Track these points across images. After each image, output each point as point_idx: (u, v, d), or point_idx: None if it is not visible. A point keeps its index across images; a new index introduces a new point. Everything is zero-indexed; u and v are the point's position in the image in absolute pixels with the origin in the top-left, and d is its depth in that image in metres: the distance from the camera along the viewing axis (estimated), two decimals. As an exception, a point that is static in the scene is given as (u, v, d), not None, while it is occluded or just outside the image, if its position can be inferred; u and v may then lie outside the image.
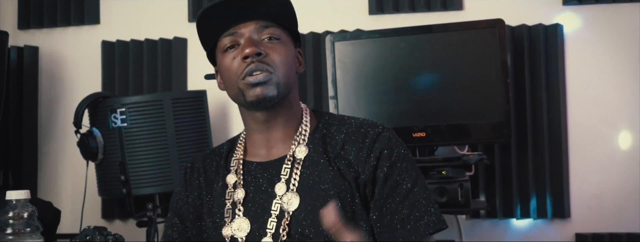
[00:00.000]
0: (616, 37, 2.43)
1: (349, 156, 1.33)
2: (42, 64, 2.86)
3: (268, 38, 1.33)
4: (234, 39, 1.34)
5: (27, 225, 1.38)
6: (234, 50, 1.33)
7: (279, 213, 1.31)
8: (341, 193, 1.30)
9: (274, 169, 1.36)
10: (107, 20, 2.83)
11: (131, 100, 2.28)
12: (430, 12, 2.54)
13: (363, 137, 1.34)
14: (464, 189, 2.13)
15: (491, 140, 2.27)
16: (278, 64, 1.32)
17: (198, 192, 1.42)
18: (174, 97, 2.32)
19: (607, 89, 2.44)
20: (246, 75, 1.30)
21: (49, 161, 2.83)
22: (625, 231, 2.38)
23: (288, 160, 1.35)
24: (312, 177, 1.33)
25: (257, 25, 1.33)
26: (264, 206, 1.33)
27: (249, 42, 1.32)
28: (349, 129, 1.37)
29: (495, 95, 2.19)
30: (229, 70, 1.34)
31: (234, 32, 1.34)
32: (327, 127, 1.39)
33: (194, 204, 1.41)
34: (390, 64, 2.29)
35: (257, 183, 1.36)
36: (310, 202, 1.30)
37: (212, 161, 1.44)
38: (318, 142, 1.36)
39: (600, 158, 2.43)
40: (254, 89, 1.30)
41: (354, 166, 1.32)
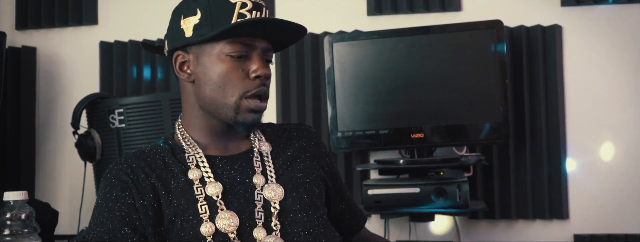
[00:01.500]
0: (615, 38, 2.43)
1: (310, 149, 1.44)
2: (39, 64, 2.85)
3: (268, 60, 1.36)
4: (246, 51, 1.31)
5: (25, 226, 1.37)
6: (241, 61, 1.31)
7: (263, 203, 1.32)
8: (315, 181, 1.40)
9: (242, 161, 1.36)
10: (105, 20, 2.82)
11: (129, 101, 2.27)
12: (429, 13, 2.55)
13: (311, 133, 1.48)
14: (463, 190, 2.13)
15: (489, 141, 2.27)
16: (268, 87, 1.36)
17: (153, 193, 1.29)
18: (172, 97, 2.32)
19: (606, 89, 2.44)
20: (253, 97, 1.31)
21: (46, 161, 2.83)
22: (623, 232, 2.38)
23: (256, 154, 1.37)
24: (285, 167, 1.39)
25: (267, 45, 1.34)
26: (246, 197, 1.32)
27: (262, 62, 1.32)
28: (292, 127, 1.48)
29: (493, 96, 2.19)
30: (225, 78, 1.30)
31: (249, 44, 1.31)
32: (270, 128, 1.47)
33: (151, 207, 1.28)
34: (389, 65, 2.29)
35: (230, 175, 1.34)
36: (294, 188, 1.36)
37: (155, 160, 1.33)
38: (274, 138, 1.43)
39: (599, 159, 2.43)
40: (250, 114, 1.32)
41: (315, 157, 1.44)
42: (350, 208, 1.53)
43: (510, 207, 2.45)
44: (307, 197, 1.36)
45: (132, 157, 1.34)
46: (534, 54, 2.45)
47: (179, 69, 1.37)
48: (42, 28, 2.85)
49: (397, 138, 2.26)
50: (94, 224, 1.29)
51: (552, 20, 2.46)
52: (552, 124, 2.44)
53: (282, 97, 2.60)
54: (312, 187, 1.39)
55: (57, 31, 2.85)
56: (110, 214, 1.28)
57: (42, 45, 2.86)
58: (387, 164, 2.29)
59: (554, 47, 2.44)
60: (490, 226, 2.50)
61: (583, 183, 2.44)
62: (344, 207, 1.51)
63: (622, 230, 2.39)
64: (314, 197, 1.37)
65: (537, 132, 2.44)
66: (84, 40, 2.82)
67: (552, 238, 2.44)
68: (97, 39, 2.79)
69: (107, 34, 2.79)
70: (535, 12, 2.48)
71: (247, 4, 1.29)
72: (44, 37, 2.86)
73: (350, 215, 1.53)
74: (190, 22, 1.35)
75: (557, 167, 2.42)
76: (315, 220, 1.34)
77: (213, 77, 1.31)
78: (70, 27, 2.84)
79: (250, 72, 1.31)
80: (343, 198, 1.51)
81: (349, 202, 1.53)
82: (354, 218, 1.54)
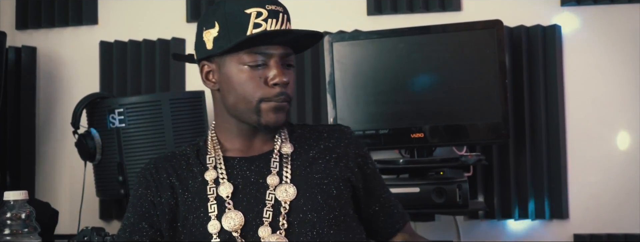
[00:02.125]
0: (614, 38, 2.44)
1: (338, 150, 1.45)
2: (39, 64, 2.85)
3: (288, 65, 1.41)
4: (263, 59, 1.37)
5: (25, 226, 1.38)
6: (260, 69, 1.37)
7: (274, 203, 1.35)
8: (334, 182, 1.40)
9: (261, 162, 1.41)
10: (105, 20, 2.82)
11: (129, 101, 2.27)
12: (429, 12, 2.55)
13: (344, 134, 1.48)
14: (462, 189, 2.13)
15: (489, 141, 2.27)
16: (291, 93, 1.41)
17: (171, 192, 1.40)
18: (172, 97, 2.32)
19: (606, 89, 2.44)
20: (268, 100, 1.37)
21: (46, 161, 2.83)
22: (623, 231, 2.38)
23: (275, 155, 1.41)
24: (304, 169, 1.40)
25: (284, 51, 1.39)
26: (256, 197, 1.36)
27: (280, 69, 1.37)
28: (325, 128, 1.50)
29: (493, 96, 2.19)
30: (245, 86, 1.37)
31: (266, 53, 1.37)
32: (302, 128, 1.50)
33: (168, 204, 1.39)
34: (389, 65, 2.29)
35: (244, 176, 1.39)
36: (307, 189, 1.37)
37: (180, 162, 1.45)
38: (300, 139, 1.46)
39: (599, 159, 2.43)
40: (271, 116, 1.37)
41: (343, 159, 1.44)
42: (386, 210, 1.51)
43: (510, 207, 2.45)
44: (322, 198, 1.37)
45: (161, 158, 1.47)
46: (534, 54, 2.46)
47: (205, 78, 1.45)
48: (42, 28, 2.85)
49: (397, 138, 2.26)
50: (124, 218, 1.44)
51: (551, 20, 2.46)
52: (552, 123, 2.44)
53: (282, 97, 2.60)
54: (330, 188, 1.39)
55: (57, 31, 2.86)
56: (133, 209, 1.42)
57: (42, 45, 2.86)
58: (387, 163, 2.30)
59: (553, 47, 2.45)
60: (490, 226, 2.50)
61: (583, 183, 2.44)
62: (377, 209, 1.50)
63: (621, 230, 2.39)
64: (329, 198, 1.38)
65: (537, 132, 2.44)
66: (84, 40, 2.82)
67: (552, 238, 2.44)
68: (97, 38, 2.79)
69: (107, 34, 2.79)
70: (535, 12, 2.48)
71: (263, 12, 1.35)
72: (44, 37, 2.86)
73: (384, 217, 1.51)
74: (210, 34, 1.40)
75: (556, 167, 2.43)
76: (327, 221, 1.35)
77: (234, 86, 1.38)
78: (70, 27, 2.84)
79: (268, 79, 1.37)
80: (377, 200, 1.50)
81: (385, 204, 1.51)
82: (389, 221, 1.51)
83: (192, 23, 2.71)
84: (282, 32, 1.37)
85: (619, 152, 2.42)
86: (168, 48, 2.72)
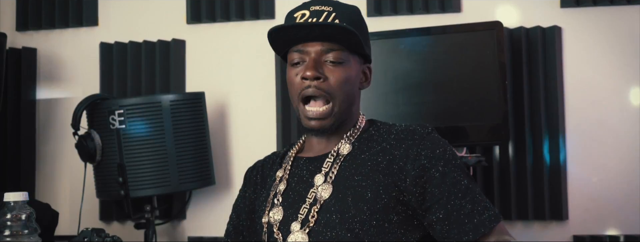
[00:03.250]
0: (614, 40, 2.44)
1: (395, 151, 1.39)
2: (40, 65, 2.86)
3: (331, 61, 1.42)
4: (301, 57, 1.42)
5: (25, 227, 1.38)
6: (299, 66, 1.43)
7: (312, 201, 1.40)
8: (373, 185, 1.37)
9: (319, 162, 1.46)
10: (106, 21, 2.83)
11: (129, 102, 2.28)
12: (429, 14, 2.55)
13: (412, 134, 1.41)
14: (462, 191, 2.13)
15: (489, 142, 2.27)
16: (336, 89, 1.41)
17: (254, 188, 1.57)
18: (173, 99, 2.32)
19: (605, 91, 2.44)
20: (303, 97, 1.41)
21: (47, 162, 2.83)
22: (623, 232, 2.38)
23: (331, 155, 1.44)
24: (350, 170, 1.41)
25: (322, 47, 1.41)
26: (302, 195, 1.43)
27: (313, 63, 1.41)
28: (399, 129, 1.46)
29: (493, 97, 2.20)
30: (292, 85, 1.44)
31: (302, 50, 1.42)
32: (377, 130, 1.48)
33: (250, 198, 1.56)
34: (389, 66, 2.29)
35: (301, 174, 1.47)
36: (342, 190, 1.39)
37: (272, 159, 1.59)
38: (363, 142, 1.46)
39: (598, 160, 2.43)
40: (310, 122, 1.42)
41: (399, 161, 1.38)
42: (453, 218, 1.34)
43: (510, 208, 2.45)
44: (352, 200, 1.37)
45: (264, 158, 1.62)
46: (534, 55, 2.46)
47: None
48: (43, 29, 2.86)
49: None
50: None
51: (551, 21, 2.47)
52: (552, 125, 2.44)
53: (283, 99, 2.61)
54: (365, 191, 1.36)
55: (58, 32, 2.86)
56: (234, 204, 1.61)
57: (43, 47, 2.86)
58: (386, 165, 2.29)
59: (553, 49, 2.45)
60: (489, 227, 2.50)
61: (582, 184, 2.44)
62: (441, 217, 1.34)
63: (621, 231, 2.39)
64: (360, 201, 1.36)
65: (536, 133, 2.44)
66: (84, 42, 2.83)
67: (552, 239, 2.44)
68: (97, 40, 2.79)
69: (107, 35, 2.79)
70: (535, 14, 2.48)
71: (306, 13, 1.42)
72: (44, 38, 2.86)
73: (449, 226, 1.34)
74: None
75: (556, 168, 2.43)
76: (350, 223, 1.35)
77: (288, 85, 1.47)
78: (71, 28, 2.84)
79: (301, 75, 1.42)
80: (443, 207, 1.34)
81: (453, 213, 1.34)
82: (454, 229, 1.34)
83: (192, 24, 2.71)
84: (297, 26, 1.40)
85: (619, 153, 2.42)
86: (168, 49, 2.73)
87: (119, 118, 2.24)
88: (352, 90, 1.46)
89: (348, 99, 1.44)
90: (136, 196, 2.29)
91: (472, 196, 1.35)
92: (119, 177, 2.25)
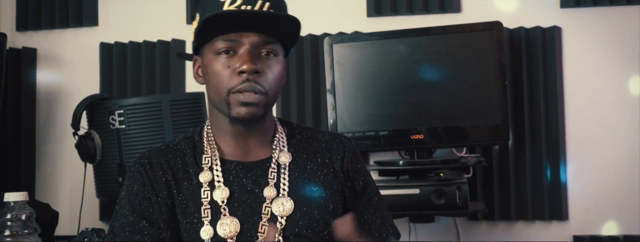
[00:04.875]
0: (614, 40, 2.44)
1: (335, 165, 1.39)
2: (40, 65, 2.86)
3: (266, 53, 1.30)
4: (231, 46, 1.29)
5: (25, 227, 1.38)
6: (229, 56, 1.29)
7: (270, 217, 1.30)
8: (331, 195, 1.35)
9: (258, 170, 1.34)
10: (106, 22, 2.83)
11: (129, 102, 2.27)
12: (429, 14, 2.55)
13: (342, 147, 1.41)
14: (462, 191, 2.13)
15: (489, 142, 2.27)
16: (271, 84, 1.29)
17: (167, 191, 1.33)
18: (172, 99, 2.32)
19: (605, 91, 2.44)
20: (238, 92, 1.27)
21: (47, 162, 2.83)
22: (622, 233, 2.38)
23: (273, 164, 1.34)
24: (301, 180, 1.35)
25: (259, 38, 1.29)
26: (252, 207, 1.31)
27: (249, 56, 1.27)
28: (326, 137, 1.42)
29: (493, 97, 2.20)
30: (218, 77, 1.29)
31: (234, 39, 1.28)
32: (302, 134, 1.42)
33: (165, 204, 1.32)
34: (389, 66, 2.29)
35: (241, 183, 1.33)
36: (304, 203, 1.32)
37: (175, 158, 1.37)
38: (299, 148, 1.39)
39: (598, 160, 2.43)
40: (241, 108, 1.28)
41: (339, 175, 1.39)
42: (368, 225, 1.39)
43: (510, 208, 2.45)
44: (318, 213, 1.32)
45: (155, 152, 1.37)
46: (534, 56, 2.46)
47: (195, 73, 1.39)
48: (43, 29, 2.85)
49: (397, 139, 2.27)
50: (119, 215, 1.34)
51: (551, 21, 2.47)
52: (552, 125, 2.44)
53: (282, 99, 2.61)
54: (327, 203, 1.35)
55: (58, 32, 2.86)
56: (131, 207, 1.32)
57: (43, 47, 2.86)
58: (386, 165, 2.30)
59: (553, 49, 2.45)
60: (489, 227, 2.50)
61: (582, 184, 2.44)
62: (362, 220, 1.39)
63: (621, 231, 2.39)
64: (326, 214, 1.33)
65: (536, 134, 2.44)
66: (84, 42, 2.83)
67: (552, 239, 2.44)
68: (97, 40, 2.79)
69: (107, 35, 2.79)
70: (535, 14, 2.48)
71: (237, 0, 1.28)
72: (45, 39, 2.86)
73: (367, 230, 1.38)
74: (193, 27, 1.37)
75: (556, 169, 2.43)
76: (322, 237, 1.31)
77: (209, 77, 1.32)
78: (71, 29, 2.84)
79: (236, 68, 1.27)
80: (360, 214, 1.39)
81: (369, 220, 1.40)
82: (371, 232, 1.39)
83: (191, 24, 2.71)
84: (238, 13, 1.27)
85: (619, 153, 2.42)
86: (168, 49, 2.73)
87: (119, 118, 2.24)
88: (280, 86, 1.35)
89: (277, 94, 1.34)
90: (136, 196, 2.29)
91: (381, 212, 1.42)
92: (119, 178, 2.25)
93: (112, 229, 1.34)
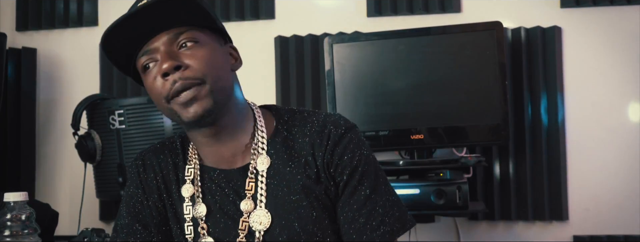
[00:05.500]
0: (614, 40, 2.44)
1: (317, 162, 1.25)
2: (40, 65, 2.86)
3: (184, 44, 1.20)
4: (150, 57, 1.20)
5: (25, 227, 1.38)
6: (154, 68, 1.19)
7: (247, 233, 1.23)
8: (314, 202, 1.23)
9: (238, 179, 1.26)
10: (106, 22, 2.82)
11: (129, 102, 2.27)
12: (429, 14, 2.55)
13: (326, 139, 1.24)
14: (462, 191, 2.13)
15: (489, 142, 2.27)
16: (203, 70, 1.17)
17: (158, 194, 1.31)
18: (172, 99, 2.32)
19: (605, 91, 2.44)
20: (173, 97, 1.17)
21: (47, 162, 2.83)
22: (623, 233, 2.38)
23: (251, 172, 1.24)
24: (280, 189, 1.24)
25: (168, 35, 1.20)
26: (233, 221, 1.24)
27: (165, 56, 1.18)
28: (312, 129, 1.26)
29: (493, 97, 2.20)
30: (154, 92, 1.20)
31: (148, 50, 1.20)
32: (288, 129, 1.28)
33: (155, 208, 1.31)
34: (389, 66, 2.29)
35: (223, 193, 1.26)
36: (283, 215, 1.22)
37: (167, 158, 1.32)
38: (280, 148, 1.26)
39: (599, 160, 2.43)
40: (188, 109, 1.17)
41: (321, 174, 1.24)
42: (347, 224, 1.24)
43: (510, 208, 2.45)
44: (299, 225, 1.21)
45: (149, 152, 1.34)
46: (534, 56, 2.46)
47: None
48: (43, 29, 2.85)
49: (397, 139, 2.27)
50: (119, 215, 1.35)
51: (551, 21, 2.47)
52: (552, 125, 2.44)
53: (282, 99, 2.60)
54: (309, 211, 1.22)
55: (58, 32, 2.86)
56: (127, 209, 1.33)
57: (43, 47, 2.86)
58: (386, 165, 2.30)
59: (553, 49, 2.45)
60: (490, 228, 2.50)
61: (582, 184, 2.44)
62: (346, 228, 1.25)
63: (621, 231, 2.39)
64: (308, 224, 1.22)
65: (536, 134, 2.44)
66: (84, 42, 2.83)
67: (552, 239, 2.44)
68: (97, 40, 2.77)
69: (107, 35, 2.79)
70: (535, 14, 2.48)
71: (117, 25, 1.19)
72: (45, 38, 2.86)
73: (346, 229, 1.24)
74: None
75: (556, 169, 2.43)
76: None
77: (150, 95, 1.23)
78: (71, 28, 2.84)
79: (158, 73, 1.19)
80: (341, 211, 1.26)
81: (349, 218, 1.24)
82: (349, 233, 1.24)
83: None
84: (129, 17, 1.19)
85: (619, 153, 2.42)
86: (168, 49, 2.72)
87: (119, 118, 2.24)
88: (223, 70, 1.22)
89: (223, 79, 1.21)
90: (136, 196, 2.29)
91: (370, 208, 1.23)
92: (119, 177, 2.25)
93: (115, 228, 1.35)
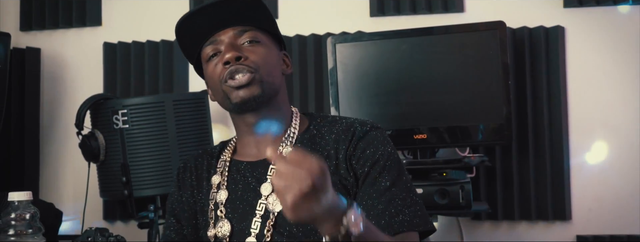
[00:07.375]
0: (617, 39, 2.44)
1: (339, 155, 1.33)
2: (44, 65, 2.86)
3: (248, 42, 1.36)
4: (215, 47, 1.36)
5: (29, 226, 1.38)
6: (217, 57, 1.36)
7: (263, 213, 1.31)
8: None
9: (262, 168, 1.36)
10: (109, 21, 2.83)
11: (133, 102, 2.28)
12: (432, 14, 2.55)
13: (351, 134, 1.34)
14: (465, 191, 2.13)
15: (492, 142, 2.27)
16: (258, 63, 1.33)
17: (191, 191, 1.44)
18: (176, 98, 2.32)
19: (608, 90, 2.44)
20: (227, 79, 1.32)
21: (50, 162, 2.83)
22: (625, 232, 2.38)
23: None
24: None
25: (235, 30, 1.36)
26: (252, 205, 1.33)
27: (229, 47, 1.34)
28: (339, 129, 1.36)
29: (496, 97, 2.20)
30: (213, 77, 1.36)
31: (214, 40, 1.36)
32: (318, 129, 1.39)
33: (188, 203, 1.44)
34: (392, 66, 2.29)
35: (246, 182, 1.36)
36: None
37: (203, 160, 1.47)
38: (307, 143, 1.36)
39: (601, 160, 2.43)
40: (238, 92, 1.32)
41: (341, 165, 1.32)
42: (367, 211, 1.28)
43: (513, 208, 2.45)
44: None
45: (192, 157, 1.49)
46: (537, 55, 2.46)
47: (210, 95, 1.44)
48: (46, 29, 2.86)
49: (400, 139, 2.27)
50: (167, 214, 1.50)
51: (554, 21, 2.47)
52: (555, 125, 2.44)
53: (285, 98, 2.61)
54: None
55: (61, 32, 2.86)
56: (169, 207, 1.48)
57: (46, 46, 2.87)
58: (389, 165, 2.29)
59: (556, 48, 2.45)
60: (493, 227, 2.50)
61: (585, 184, 2.44)
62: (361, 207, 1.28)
63: (624, 231, 2.39)
64: None
65: (539, 133, 2.44)
66: (87, 41, 2.83)
67: (555, 239, 2.44)
68: (101, 40, 2.79)
69: (110, 35, 2.80)
70: (538, 14, 2.48)
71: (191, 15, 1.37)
72: (48, 38, 2.87)
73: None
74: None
75: (559, 168, 2.43)
76: (313, 235, 1.27)
77: (208, 81, 1.39)
78: (74, 28, 2.85)
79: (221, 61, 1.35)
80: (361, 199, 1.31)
81: (369, 205, 1.29)
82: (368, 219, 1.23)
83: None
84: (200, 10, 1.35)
85: (622, 153, 2.42)
86: (171, 49, 2.73)
87: (123, 118, 2.24)
88: (276, 70, 1.37)
89: (273, 75, 1.35)
90: (140, 195, 2.29)
91: (389, 197, 1.28)
92: (122, 177, 2.25)
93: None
